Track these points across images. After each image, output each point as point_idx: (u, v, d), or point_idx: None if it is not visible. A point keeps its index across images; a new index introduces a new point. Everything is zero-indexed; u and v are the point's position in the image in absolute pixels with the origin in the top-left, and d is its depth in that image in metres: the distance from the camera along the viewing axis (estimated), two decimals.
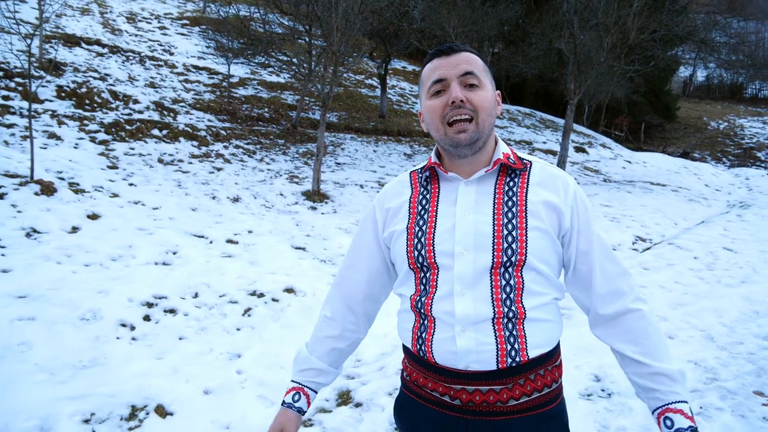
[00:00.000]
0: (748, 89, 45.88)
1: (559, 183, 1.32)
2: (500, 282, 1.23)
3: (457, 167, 1.34)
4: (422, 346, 1.29)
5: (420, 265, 1.30)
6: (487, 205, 1.28)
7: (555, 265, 1.32)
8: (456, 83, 1.27)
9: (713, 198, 14.04)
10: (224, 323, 4.26)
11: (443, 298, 1.25)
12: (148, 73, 14.15)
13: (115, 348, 3.68)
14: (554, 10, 17.07)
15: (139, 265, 5.10)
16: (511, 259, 1.22)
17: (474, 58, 1.32)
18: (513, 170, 1.33)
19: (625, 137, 28.46)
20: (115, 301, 4.25)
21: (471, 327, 1.22)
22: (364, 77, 21.73)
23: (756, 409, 3.20)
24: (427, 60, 1.36)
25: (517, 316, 1.23)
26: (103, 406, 3.00)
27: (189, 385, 3.31)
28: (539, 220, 1.26)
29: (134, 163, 8.97)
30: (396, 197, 1.42)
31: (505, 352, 1.22)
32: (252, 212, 7.75)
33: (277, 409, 3.11)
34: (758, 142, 28.27)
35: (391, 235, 1.39)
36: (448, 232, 1.27)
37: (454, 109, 1.26)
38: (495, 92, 1.36)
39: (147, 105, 12.05)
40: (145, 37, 17.33)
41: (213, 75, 15.77)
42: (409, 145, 15.53)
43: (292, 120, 14.28)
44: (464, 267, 1.24)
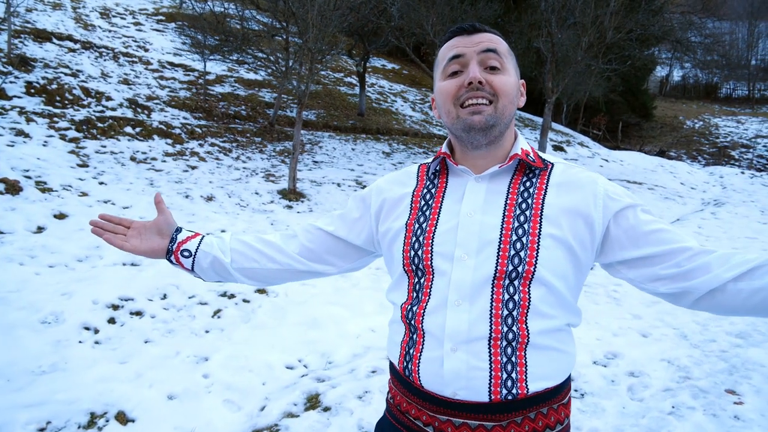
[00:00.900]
0: (723, 89, 46.76)
1: (585, 185, 1.12)
2: (503, 296, 1.05)
3: (470, 160, 1.18)
4: (409, 364, 1.12)
5: (415, 267, 1.14)
6: (498, 206, 1.11)
7: (572, 283, 1.11)
8: (475, 62, 1.11)
9: (688, 196, 14.22)
10: (192, 325, 4.15)
11: (436, 309, 1.08)
12: (122, 70, 13.87)
13: (77, 352, 3.56)
14: (533, 9, 17.14)
15: (106, 266, 4.96)
16: (518, 269, 1.05)
17: (498, 38, 1.17)
18: (531, 169, 1.16)
19: (603, 136, 28.76)
20: (79, 303, 4.12)
21: (463, 346, 1.04)
22: (343, 75, 21.61)
23: (728, 408, 3.20)
24: (446, 38, 1.19)
25: (519, 339, 1.04)
26: (61, 413, 2.88)
27: (152, 390, 3.20)
28: (556, 227, 1.07)
29: (105, 162, 8.76)
30: (398, 187, 1.26)
31: (499, 381, 1.03)
32: (226, 211, 7.62)
33: (244, 414, 3.02)
34: (732, 141, 28.78)
35: (388, 231, 1.23)
36: (449, 233, 1.11)
37: (470, 91, 1.10)
38: (519, 81, 1.20)
39: (120, 102, 11.80)
40: (119, 33, 17.00)
41: (189, 72, 15.52)
42: (388, 143, 15.47)
43: (269, 118, 14.12)
44: (463, 274, 1.07)
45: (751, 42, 46.60)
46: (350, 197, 1.36)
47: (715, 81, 46.68)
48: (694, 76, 48.24)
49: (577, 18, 12.76)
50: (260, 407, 3.15)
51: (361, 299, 4.96)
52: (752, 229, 9.41)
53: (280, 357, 3.77)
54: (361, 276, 5.56)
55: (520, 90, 1.20)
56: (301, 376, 3.57)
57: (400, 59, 28.68)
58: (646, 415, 3.13)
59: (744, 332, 4.50)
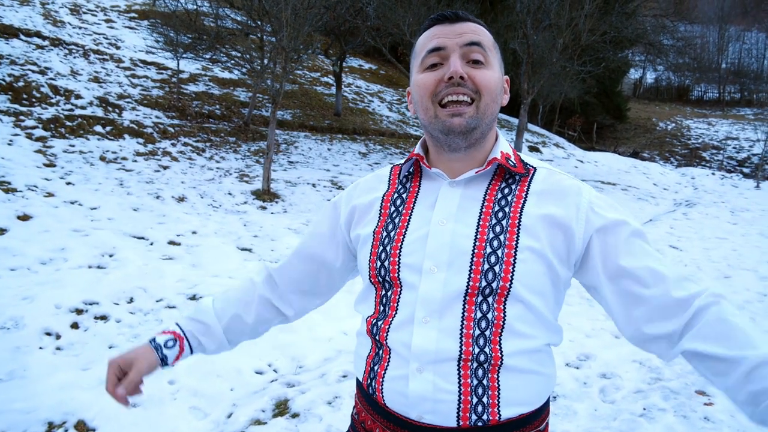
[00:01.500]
0: (694, 91, 47.73)
1: (568, 194, 1.03)
2: (475, 313, 0.96)
3: (445, 163, 1.08)
4: (373, 381, 1.04)
5: (382, 279, 1.05)
6: (472, 214, 1.02)
7: (551, 300, 1.02)
8: (457, 55, 1.01)
9: (661, 197, 14.43)
10: (159, 330, 4.03)
11: (402, 325, 1.00)
12: (93, 68, 13.57)
13: (37, 359, 3.42)
14: (509, 10, 17.25)
15: (71, 268, 4.81)
16: (492, 285, 0.96)
17: (483, 30, 1.06)
18: (511, 174, 1.06)
19: (578, 137, 29.10)
20: (41, 307, 3.97)
21: (429, 367, 0.96)
22: (320, 75, 21.49)
23: (698, 409, 3.21)
24: (425, 26, 1.09)
25: (491, 361, 0.95)
26: (17, 423, 2.76)
27: None
28: (534, 239, 0.98)
29: (74, 161, 8.55)
30: (368, 193, 1.17)
31: (469, 406, 0.95)
32: (198, 212, 7.48)
33: (210, 422, 2.93)
34: (703, 143, 29.36)
35: (357, 238, 1.14)
36: (418, 242, 1.02)
37: (450, 87, 1.00)
38: (503, 77, 1.10)
39: (90, 100, 11.54)
40: (90, 30, 16.63)
41: (162, 70, 15.27)
42: (365, 143, 15.40)
43: (244, 117, 13.95)
44: (431, 288, 0.98)
45: (722, 45, 47.66)
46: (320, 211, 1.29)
47: (687, 84, 47.63)
48: (667, 78, 49.14)
49: (552, 20, 12.86)
50: (227, 414, 3.07)
51: (336, 301, 4.87)
52: (723, 230, 9.57)
53: (249, 361, 3.69)
54: None
55: (504, 87, 1.10)
56: (270, 381, 3.49)
57: (377, 59, 28.64)
58: (618, 417, 3.12)
59: None
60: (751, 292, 5.75)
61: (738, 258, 7.36)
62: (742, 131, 30.57)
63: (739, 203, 13.44)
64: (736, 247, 8.11)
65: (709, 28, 47.86)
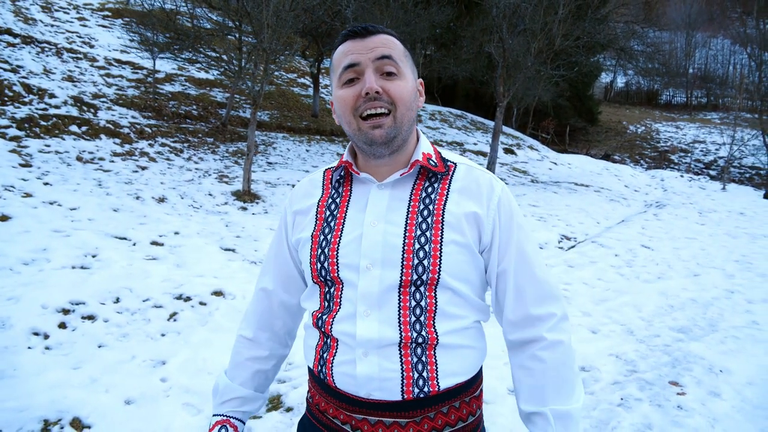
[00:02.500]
0: (663, 95, 48.89)
1: (483, 190, 1.15)
2: (410, 302, 1.07)
3: (373, 168, 1.18)
4: (323, 367, 1.15)
5: (323, 278, 1.15)
6: (400, 214, 1.12)
7: (476, 284, 1.16)
8: (371, 70, 1.09)
9: (632, 198, 14.81)
10: (148, 329, 4.06)
11: (345, 318, 1.11)
12: (66, 66, 13.37)
13: (27, 358, 3.43)
14: (484, 14, 17.49)
15: (55, 269, 4.79)
16: (422, 278, 1.07)
17: (392, 41, 1.14)
18: (433, 174, 1.17)
19: (552, 139, 29.59)
20: (27, 308, 3.97)
21: (374, 351, 1.07)
22: (296, 76, 21.48)
23: (671, 399, 3.38)
24: (339, 42, 1.16)
25: (428, 342, 1.07)
26: (12, 421, 2.78)
27: (108, 395, 3.12)
28: (458, 233, 1.10)
29: (50, 161, 8.44)
30: (305, 198, 1.26)
31: (411, 381, 1.07)
32: (179, 213, 7.46)
33: (204, 417, 2.99)
34: (672, 146, 30.13)
35: (298, 242, 1.24)
36: (353, 243, 1.12)
37: (368, 101, 1.08)
38: (416, 81, 1.19)
39: (64, 100, 11.38)
40: (63, 28, 16.37)
41: (137, 70, 15.11)
42: (342, 144, 15.46)
43: (221, 118, 13.89)
44: (369, 284, 1.09)
45: (689, 51, 48.94)
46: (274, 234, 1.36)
47: (656, 88, 48.80)
48: (637, 83, 50.27)
49: (527, 24, 13.10)
50: None
51: None
52: (691, 230, 9.90)
53: None
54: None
55: (418, 90, 1.19)
56: None
57: None
58: (597, 407, 3.27)
59: (685, 327, 4.75)
60: (719, 290, 6.00)
61: (706, 257, 7.65)
62: (709, 135, 31.46)
63: (707, 204, 13.89)
64: (705, 246, 8.41)
65: (677, 34, 49.13)
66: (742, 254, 7.92)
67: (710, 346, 4.30)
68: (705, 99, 46.93)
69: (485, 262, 1.16)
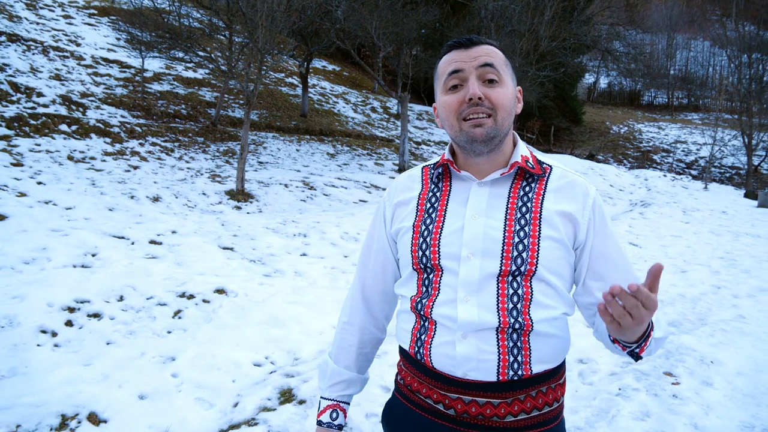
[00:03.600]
0: (645, 96, 49.54)
1: (578, 191, 1.23)
2: (507, 290, 1.15)
3: (472, 166, 1.26)
4: (420, 348, 1.22)
5: (423, 266, 1.23)
6: (500, 210, 1.20)
7: (567, 278, 1.23)
8: (474, 77, 1.18)
9: (617, 197, 15.07)
10: (154, 326, 4.11)
11: (445, 303, 1.18)
12: (53, 65, 13.27)
13: (37, 355, 3.47)
14: (471, 15, 17.66)
15: (56, 268, 4.81)
16: (521, 269, 1.15)
17: (494, 50, 1.22)
18: (531, 175, 1.24)
19: (537, 139, 29.89)
20: (33, 306, 3.99)
21: (473, 334, 1.15)
22: (284, 75, 21.47)
23: (666, 388, 3.52)
24: (444, 51, 1.26)
25: (524, 328, 1.15)
26: (30, 416, 2.83)
27: (122, 390, 3.18)
28: (554, 230, 1.18)
29: (41, 161, 8.41)
30: (405, 192, 1.34)
31: (507, 364, 1.14)
32: (174, 212, 7.49)
33: (218, 411, 3.06)
34: (654, 146, 30.60)
35: (398, 231, 1.32)
36: (455, 234, 1.20)
37: (471, 107, 1.17)
38: (516, 89, 1.27)
39: (53, 98, 11.32)
40: (48, 26, 16.21)
41: (125, 69, 15.02)
42: (332, 144, 15.52)
43: (211, 117, 13.88)
44: (470, 272, 1.16)
45: (670, 53, 49.68)
46: (369, 227, 1.46)
47: (638, 89, 49.43)
48: (619, 83, 50.88)
49: (514, 26, 13.28)
50: (233, 404, 3.19)
51: (320, 298, 5.05)
52: (677, 228, 10.14)
53: (246, 355, 3.81)
54: (318, 275, 5.65)
55: (517, 97, 1.27)
56: (269, 372, 3.62)
57: (340, 61, 28.75)
58: (597, 396, 3.40)
59: (676, 321, 4.91)
60: (706, 285, 6.18)
61: (692, 254, 7.85)
62: (690, 135, 32.00)
63: (690, 203, 14.18)
64: (690, 244, 8.63)
65: (658, 35, 49.86)
66: (726, 251, 8.15)
67: (701, 339, 4.46)
68: (686, 100, 47.68)
69: (577, 258, 1.24)
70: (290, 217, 8.06)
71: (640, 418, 3.14)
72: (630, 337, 1.04)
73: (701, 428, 3.05)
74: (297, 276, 5.56)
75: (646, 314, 0.95)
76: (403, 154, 14.02)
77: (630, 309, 0.94)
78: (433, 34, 22.27)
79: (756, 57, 27.07)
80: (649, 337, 1.09)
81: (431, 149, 18.62)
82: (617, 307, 0.95)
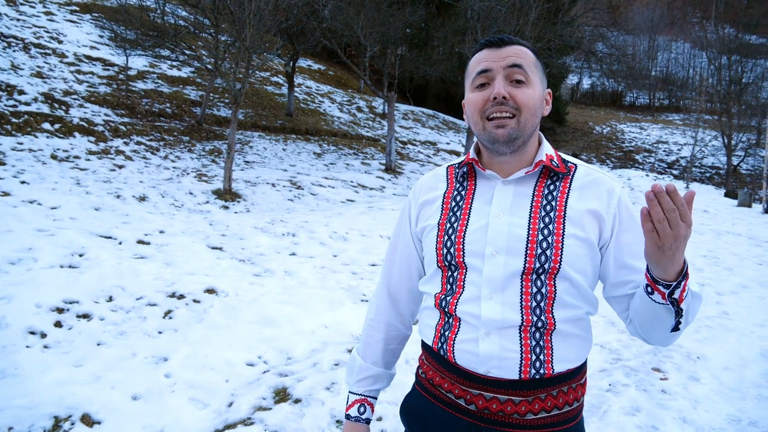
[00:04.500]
0: (627, 97, 50.13)
1: (603, 189, 1.23)
2: (531, 289, 1.16)
3: (497, 165, 1.27)
4: (444, 344, 1.23)
5: (448, 263, 1.24)
6: (524, 208, 1.21)
7: (590, 277, 1.22)
8: (501, 77, 1.19)
9: None
10: (145, 326, 4.08)
11: (469, 300, 1.19)
12: (34, 62, 13.07)
13: (27, 357, 3.42)
14: (456, 16, 17.73)
15: (43, 268, 4.75)
16: (545, 266, 1.15)
17: (525, 51, 1.23)
18: (555, 173, 1.25)
19: None
20: (21, 307, 3.95)
21: (496, 332, 1.15)
22: (270, 74, 21.37)
23: (655, 384, 3.58)
24: (476, 50, 1.27)
25: (546, 327, 1.15)
26: (22, 418, 2.80)
27: (115, 391, 3.15)
28: (578, 228, 1.18)
29: (24, 160, 8.29)
30: (431, 191, 1.36)
31: (529, 362, 1.15)
32: (161, 212, 7.43)
33: (212, 411, 3.05)
34: (636, 146, 30.99)
35: (423, 229, 1.33)
36: (480, 232, 1.21)
37: (495, 105, 1.18)
38: (544, 90, 1.27)
39: (35, 96, 11.15)
40: (29, 23, 15.95)
41: (108, 66, 14.84)
42: (318, 144, 15.50)
43: (196, 116, 13.78)
44: (494, 270, 1.17)
45: (651, 54, 50.35)
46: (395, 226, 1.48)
47: (620, 90, 50.02)
48: (601, 84, 51.44)
49: (500, 27, 13.36)
50: (228, 403, 3.19)
51: (311, 297, 5.04)
52: None
53: (239, 355, 3.80)
54: (308, 275, 5.64)
55: (545, 99, 1.27)
56: (263, 372, 3.62)
57: (326, 60, 28.68)
58: (588, 392, 3.44)
59: None
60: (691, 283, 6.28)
61: None
62: (671, 135, 32.46)
63: None
64: None
65: (639, 37, 50.50)
66: (708, 249, 8.29)
67: (687, 335, 4.54)
68: (667, 101, 48.36)
69: (604, 255, 1.23)
70: (278, 216, 8.04)
71: (631, 413, 3.20)
72: (668, 268, 1.01)
73: (690, 422, 3.11)
74: (287, 275, 5.55)
75: (684, 228, 0.95)
76: (389, 154, 14.04)
77: (668, 213, 0.94)
78: (418, 34, 22.35)
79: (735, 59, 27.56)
80: (687, 278, 1.05)
81: (417, 149, 18.66)
82: (657, 208, 0.94)
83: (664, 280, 1.03)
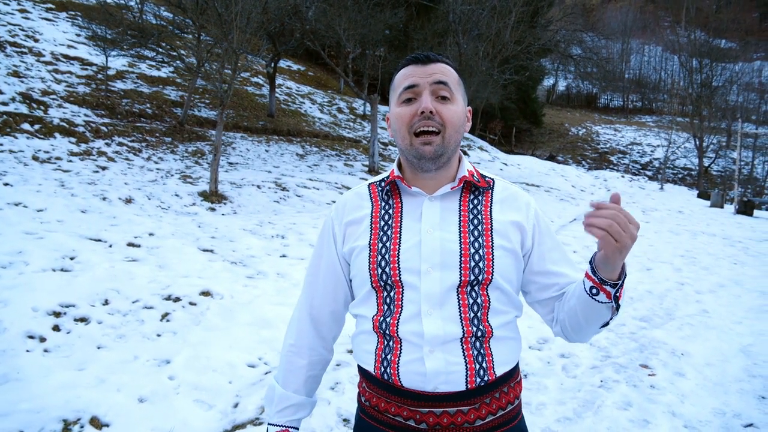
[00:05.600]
0: (601, 99, 51.01)
1: (521, 202, 1.31)
2: (468, 300, 1.20)
3: (421, 182, 1.30)
4: (387, 368, 1.22)
5: (383, 283, 1.24)
6: (453, 223, 1.24)
7: (516, 284, 1.30)
8: (428, 93, 1.23)
9: (579, 197, 15.54)
10: (143, 329, 4.09)
11: (410, 319, 1.20)
12: (10, 61, 12.81)
13: (28, 361, 3.42)
14: (436, 19, 17.88)
15: (35, 272, 4.72)
16: (478, 278, 1.20)
17: (449, 70, 1.27)
18: (477, 188, 1.31)
19: (499, 140, 30.44)
20: (18, 311, 3.93)
21: (440, 347, 1.17)
22: (250, 75, 21.27)
23: (644, 380, 3.73)
24: (401, 65, 1.31)
25: (485, 335, 1.20)
26: (31, 422, 2.81)
27: (121, 394, 3.18)
28: (505, 239, 1.25)
29: (5, 161, 8.16)
30: (355, 210, 1.35)
31: (474, 372, 1.19)
32: (149, 214, 7.40)
33: (218, 412, 3.10)
34: (611, 148, 31.59)
35: (352, 250, 1.32)
36: (413, 249, 1.22)
37: (422, 120, 1.21)
38: (466, 108, 1.32)
39: (12, 96, 10.95)
40: (3, 20, 15.63)
41: (86, 66, 14.61)
42: (301, 145, 15.50)
43: (178, 117, 13.66)
44: (431, 285, 1.20)
45: (625, 57, 51.34)
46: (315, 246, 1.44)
47: (595, 92, 50.91)
48: (577, 86, 52.28)
49: (482, 30, 13.55)
50: (233, 404, 3.24)
51: None
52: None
53: (239, 356, 3.85)
54: (300, 277, 5.69)
55: (466, 117, 1.32)
56: (265, 373, 3.67)
57: (305, 61, 28.63)
58: (581, 389, 3.58)
59: (646, 317, 5.18)
60: (671, 282, 6.51)
61: (655, 252, 8.22)
62: (645, 137, 33.17)
63: (648, 203, 14.76)
64: (652, 243, 9.02)
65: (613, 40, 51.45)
66: (686, 249, 8.55)
67: (670, 333, 4.72)
68: (640, 103, 49.36)
69: (526, 263, 1.32)
70: (266, 218, 8.06)
71: (623, 407, 3.34)
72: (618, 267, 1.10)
73: (679, 415, 3.26)
74: (280, 277, 5.59)
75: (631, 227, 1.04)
76: (372, 156, 14.12)
77: (613, 217, 1.03)
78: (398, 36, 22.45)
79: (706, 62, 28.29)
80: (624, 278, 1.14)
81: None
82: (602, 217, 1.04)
83: (611, 280, 1.12)
